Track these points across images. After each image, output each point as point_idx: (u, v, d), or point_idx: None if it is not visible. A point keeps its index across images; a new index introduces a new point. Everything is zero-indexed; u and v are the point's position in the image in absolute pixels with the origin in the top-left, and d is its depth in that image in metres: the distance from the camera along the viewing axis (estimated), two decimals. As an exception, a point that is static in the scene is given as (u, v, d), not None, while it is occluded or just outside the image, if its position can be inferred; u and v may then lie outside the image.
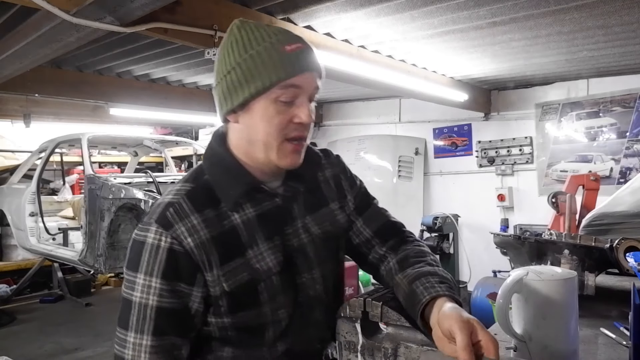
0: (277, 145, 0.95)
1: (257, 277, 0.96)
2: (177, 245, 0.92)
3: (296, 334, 1.01)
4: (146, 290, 0.91)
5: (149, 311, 0.91)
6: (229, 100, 0.95)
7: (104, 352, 4.25)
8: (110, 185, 4.17)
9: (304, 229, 1.05)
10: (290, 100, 0.93)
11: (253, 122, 0.95)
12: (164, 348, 0.92)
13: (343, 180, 1.16)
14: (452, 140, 5.75)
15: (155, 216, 0.95)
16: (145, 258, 0.92)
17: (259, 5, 2.82)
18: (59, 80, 4.40)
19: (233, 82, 0.94)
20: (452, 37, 3.35)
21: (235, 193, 0.97)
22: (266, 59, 0.91)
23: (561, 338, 0.98)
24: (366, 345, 0.87)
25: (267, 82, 0.91)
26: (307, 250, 1.04)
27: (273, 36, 0.93)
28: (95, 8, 2.17)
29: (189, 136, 7.91)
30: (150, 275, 0.91)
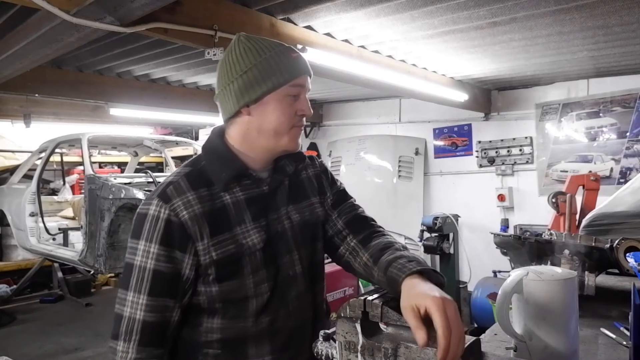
0: (287, 131, 1.15)
1: (242, 250, 1.11)
2: (174, 217, 1.07)
3: (276, 309, 1.15)
4: (145, 255, 1.07)
5: (147, 273, 1.06)
6: (245, 95, 1.12)
7: (104, 352, 4.25)
8: (110, 185, 4.17)
9: (286, 216, 1.20)
10: (296, 94, 1.15)
11: (267, 114, 1.13)
12: (157, 307, 1.06)
13: (324, 179, 1.33)
14: (452, 140, 5.75)
15: (157, 192, 1.11)
16: (147, 227, 1.08)
17: (259, 5, 2.82)
18: (59, 80, 4.40)
19: (250, 80, 1.11)
20: (452, 37, 3.35)
21: (226, 176, 1.13)
22: (279, 62, 1.12)
23: (561, 338, 0.98)
24: (366, 345, 0.87)
25: (282, 80, 1.12)
26: (288, 235, 1.19)
27: (280, 46, 1.15)
28: (95, 8, 2.17)
29: (189, 136, 7.92)
30: (150, 242, 1.07)
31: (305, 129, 7.13)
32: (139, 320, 1.06)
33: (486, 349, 0.87)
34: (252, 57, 1.12)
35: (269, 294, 1.14)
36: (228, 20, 2.73)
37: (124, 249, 4.25)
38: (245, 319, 1.13)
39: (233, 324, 1.13)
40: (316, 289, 1.26)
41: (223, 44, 2.70)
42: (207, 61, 2.77)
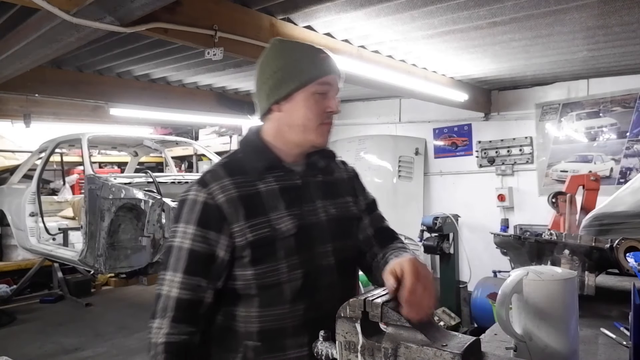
0: (315, 127, 1.21)
1: (276, 234, 1.16)
2: (211, 200, 1.15)
3: (310, 296, 1.19)
4: (183, 236, 1.14)
5: (183, 253, 1.13)
6: (276, 93, 1.21)
7: (104, 352, 4.25)
8: (110, 185, 4.17)
9: (323, 209, 1.26)
10: (324, 92, 1.21)
11: (295, 110, 1.21)
12: (191, 286, 1.12)
13: (356, 184, 1.42)
14: (452, 140, 5.75)
15: (197, 180, 1.20)
16: (185, 211, 1.16)
17: (259, 5, 2.82)
18: (59, 80, 4.40)
19: (280, 79, 1.20)
20: (452, 37, 3.35)
21: (261, 165, 1.22)
22: (307, 61, 1.21)
23: (561, 338, 0.98)
24: (366, 345, 0.87)
25: (309, 77, 1.19)
26: (323, 227, 1.25)
27: (309, 47, 1.26)
28: (95, 8, 2.17)
29: (189, 136, 7.92)
30: (187, 223, 1.15)
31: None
32: (174, 297, 1.11)
33: (486, 349, 0.87)
34: (282, 59, 1.22)
35: (302, 280, 1.18)
36: (228, 20, 2.73)
37: (124, 249, 4.28)
38: (282, 306, 1.17)
39: (270, 312, 1.17)
40: (347, 285, 1.29)
41: (223, 44, 2.70)
42: (207, 61, 2.77)
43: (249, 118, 5.97)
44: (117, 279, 6.90)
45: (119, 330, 4.82)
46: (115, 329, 4.84)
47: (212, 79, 5.03)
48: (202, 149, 6.11)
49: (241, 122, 6.90)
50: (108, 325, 5.01)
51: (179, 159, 8.22)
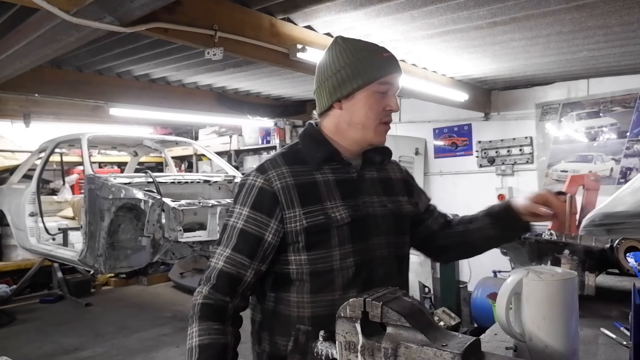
0: (375, 126, 1.25)
1: (331, 222, 1.20)
2: (267, 185, 1.21)
3: (364, 286, 1.19)
4: (237, 216, 1.22)
5: (235, 232, 1.21)
6: (338, 91, 1.24)
7: (104, 352, 4.25)
8: (110, 185, 4.17)
9: (380, 203, 1.31)
10: (385, 92, 1.24)
11: (356, 108, 1.24)
12: (234, 261, 1.20)
13: (412, 184, 1.48)
14: (452, 140, 5.75)
15: (257, 166, 1.27)
16: (243, 193, 1.24)
17: (259, 5, 2.82)
18: (59, 80, 4.39)
19: (343, 77, 1.23)
20: (452, 37, 3.35)
21: (321, 155, 1.26)
22: (370, 61, 1.23)
23: (561, 338, 0.98)
24: (366, 345, 0.87)
25: (372, 77, 1.22)
26: (379, 220, 1.29)
27: (372, 46, 1.27)
28: (95, 8, 2.16)
29: (189, 136, 7.92)
30: (243, 205, 1.22)
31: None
32: (218, 268, 1.20)
33: (486, 349, 0.87)
34: (345, 57, 1.24)
35: (354, 269, 1.22)
36: (228, 20, 2.73)
37: (124, 249, 4.28)
38: (333, 293, 1.21)
39: (322, 298, 1.21)
40: (404, 280, 1.36)
41: (223, 44, 2.70)
42: (207, 61, 2.77)
43: (249, 118, 5.98)
44: (117, 279, 6.90)
45: (119, 330, 4.82)
46: (115, 329, 4.84)
47: (212, 79, 5.03)
48: (202, 149, 6.12)
49: (241, 122, 6.91)
50: (108, 325, 5.01)
51: (179, 159, 8.23)
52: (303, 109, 6.39)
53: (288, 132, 7.15)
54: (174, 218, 3.74)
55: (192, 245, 3.99)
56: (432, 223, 1.47)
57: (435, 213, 1.50)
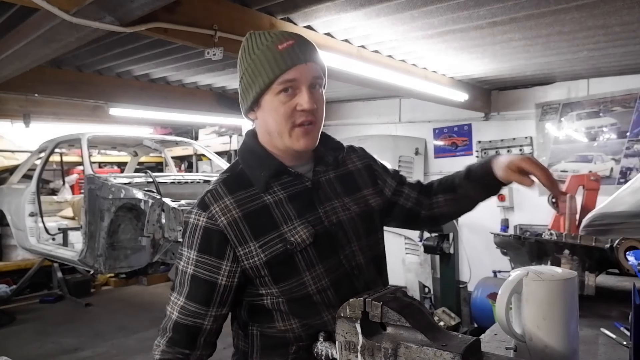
0: (288, 131, 1.09)
1: (292, 247, 1.09)
2: (212, 224, 1.08)
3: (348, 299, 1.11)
4: (186, 261, 1.11)
5: (186, 277, 1.10)
6: (244, 101, 1.14)
7: (103, 352, 4.25)
8: (110, 185, 4.17)
9: (344, 207, 1.18)
10: (288, 91, 1.07)
11: (266, 116, 1.11)
12: (189, 311, 1.10)
13: (376, 169, 1.34)
14: (452, 140, 5.75)
15: (197, 201, 1.13)
16: (187, 234, 1.11)
17: (259, 5, 2.82)
18: (59, 80, 4.40)
19: (245, 85, 1.12)
20: (452, 37, 3.35)
21: (265, 175, 1.12)
22: (264, 60, 1.07)
23: (561, 338, 0.98)
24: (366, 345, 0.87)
25: (267, 79, 1.07)
26: (346, 227, 1.17)
27: (269, 39, 1.09)
28: (95, 8, 2.17)
29: (189, 136, 7.92)
30: (190, 248, 1.10)
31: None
32: (173, 320, 1.11)
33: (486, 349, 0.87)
34: (245, 61, 1.11)
35: (333, 289, 1.12)
36: (228, 20, 2.73)
37: (123, 249, 4.28)
38: (320, 315, 1.12)
39: (310, 321, 1.13)
40: (384, 280, 1.27)
41: (223, 44, 2.70)
42: (207, 61, 2.77)
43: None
44: (116, 279, 6.90)
45: (118, 330, 4.82)
46: (115, 329, 4.84)
47: (212, 79, 5.03)
48: (202, 149, 6.12)
49: (241, 122, 6.90)
50: (108, 325, 5.01)
51: (179, 159, 8.22)
52: (303, 109, 6.39)
53: (288, 132, 7.14)
54: (174, 218, 3.74)
55: (192, 245, 3.98)
56: (404, 202, 1.34)
57: (405, 189, 1.35)
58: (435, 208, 1.35)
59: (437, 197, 1.35)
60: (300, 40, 1.10)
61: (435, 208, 1.35)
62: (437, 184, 1.38)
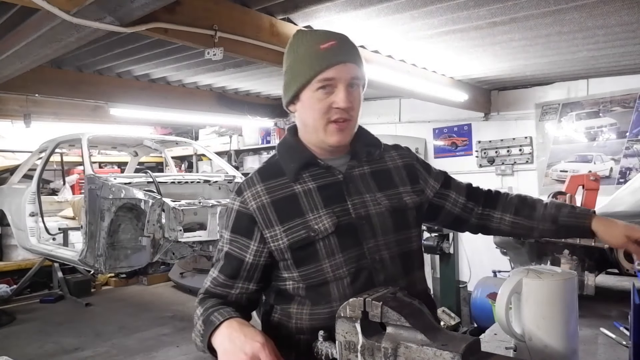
0: (323, 126, 1.16)
1: (314, 234, 1.15)
2: (244, 208, 1.20)
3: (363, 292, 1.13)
4: (223, 240, 1.24)
5: (222, 254, 1.23)
6: (286, 95, 1.21)
7: (104, 352, 4.25)
8: (110, 185, 4.17)
9: (374, 202, 1.22)
10: (326, 88, 1.14)
11: (304, 110, 1.19)
12: (218, 282, 1.22)
13: (418, 168, 1.36)
14: (452, 140, 5.75)
15: (236, 189, 1.26)
16: (226, 217, 1.26)
17: (259, 5, 2.82)
18: (59, 80, 4.40)
19: (287, 80, 1.19)
20: (452, 37, 3.35)
21: (295, 166, 1.20)
22: (306, 58, 1.15)
23: (561, 338, 0.98)
24: (366, 345, 0.87)
25: (307, 76, 1.14)
26: (374, 220, 1.20)
27: (313, 39, 1.17)
28: (95, 8, 2.17)
29: (189, 136, 7.92)
30: (226, 229, 1.24)
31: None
32: (205, 287, 1.24)
33: (486, 349, 0.87)
34: (288, 57, 1.20)
35: (350, 279, 1.17)
36: (228, 20, 2.73)
37: (124, 249, 4.28)
38: (331, 304, 1.16)
39: (321, 310, 1.17)
40: (413, 278, 1.26)
41: (223, 44, 2.70)
42: (207, 61, 2.77)
43: (249, 118, 5.98)
44: (117, 279, 6.90)
45: (119, 330, 4.82)
46: (115, 329, 4.84)
47: (212, 79, 5.03)
48: (202, 149, 6.11)
49: (241, 122, 6.91)
50: (108, 325, 5.01)
51: (179, 159, 8.22)
52: (303, 109, 6.39)
53: (288, 132, 7.14)
54: (174, 218, 3.74)
55: (192, 245, 3.99)
56: (452, 207, 1.36)
57: (452, 194, 1.36)
58: (493, 222, 1.37)
59: (504, 215, 1.37)
60: (342, 41, 1.17)
61: (493, 222, 1.37)
62: (509, 202, 1.39)
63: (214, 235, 3.98)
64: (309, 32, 1.20)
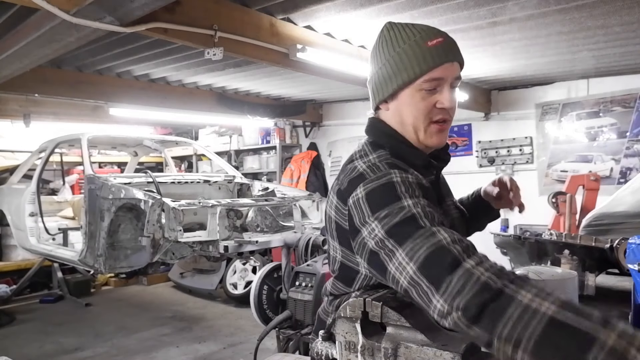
0: (424, 127, 1.10)
1: None
2: (420, 180, 1.04)
3: None
4: (408, 206, 0.99)
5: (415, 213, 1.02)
6: (381, 91, 1.12)
7: (103, 352, 4.25)
8: (110, 185, 4.16)
9: (454, 206, 1.23)
10: (432, 88, 1.07)
11: (402, 108, 1.10)
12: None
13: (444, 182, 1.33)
14: (452, 140, 5.74)
15: (387, 165, 1.04)
16: (396, 190, 1.01)
17: (258, 5, 2.82)
18: (59, 80, 4.40)
19: (384, 75, 1.10)
20: (452, 36, 3.34)
21: (420, 163, 1.11)
22: (411, 54, 1.06)
23: (561, 338, 0.97)
24: (366, 345, 0.87)
25: (412, 74, 1.06)
26: (458, 223, 1.21)
27: (417, 34, 1.08)
28: (95, 8, 2.17)
29: (189, 136, 7.92)
30: (406, 198, 1.01)
31: (305, 129, 7.13)
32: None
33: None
34: (387, 52, 1.10)
35: None
36: (228, 20, 2.73)
37: (124, 249, 4.27)
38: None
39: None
40: None
41: (223, 44, 2.70)
42: (207, 61, 2.77)
43: (249, 118, 5.97)
44: (117, 279, 6.90)
45: (119, 330, 4.82)
46: (115, 329, 4.84)
47: (212, 79, 5.03)
48: (202, 149, 6.11)
49: (241, 122, 6.91)
50: (108, 325, 5.00)
51: (179, 159, 8.22)
52: (303, 109, 6.40)
53: (288, 132, 7.15)
54: (174, 218, 3.74)
55: (192, 245, 3.98)
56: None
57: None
58: None
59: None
60: (448, 39, 1.10)
61: None
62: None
63: (214, 235, 3.98)
64: (408, 26, 1.10)
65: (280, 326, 2.75)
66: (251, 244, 3.99)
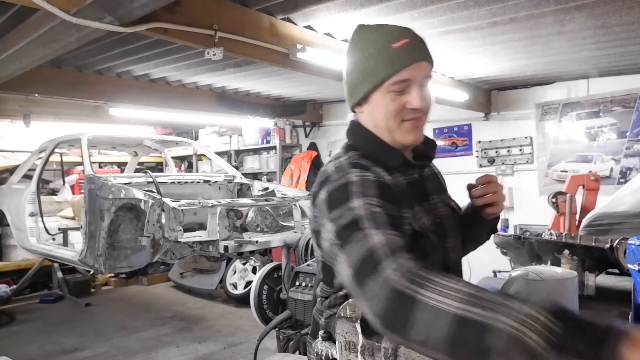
0: (397, 126, 1.10)
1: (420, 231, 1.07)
2: (381, 179, 1.06)
3: None
4: (362, 206, 1.01)
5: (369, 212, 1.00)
6: (353, 95, 1.14)
7: (104, 352, 4.25)
8: (110, 185, 4.16)
9: (441, 203, 1.20)
10: (401, 90, 1.08)
11: (374, 110, 1.12)
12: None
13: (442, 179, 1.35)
14: (452, 140, 5.75)
15: (349, 164, 1.07)
16: (355, 189, 1.02)
17: (258, 5, 2.82)
18: (59, 80, 4.39)
19: (355, 80, 1.12)
20: (452, 37, 3.35)
21: (395, 163, 1.12)
22: (378, 58, 1.07)
23: (561, 338, 0.97)
24: (366, 345, 0.87)
25: (380, 78, 1.07)
26: (451, 220, 1.19)
27: (384, 36, 1.09)
28: (95, 8, 2.17)
29: (189, 136, 7.92)
30: (364, 197, 1.02)
31: (305, 129, 7.13)
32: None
33: (486, 349, 0.87)
34: (355, 56, 1.12)
35: None
36: (228, 20, 2.73)
37: (124, 249, 4.28)
38: None
39: None
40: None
41: (223, 44, 2.70)
42: (207, 61, 2.77)
43: (249, 118, 5.97)
44: (117, 279, 6.90)
45: (118, 330, 4.82)
46: (115, 329, 4.84)
47: (212, 79, 5.03)
48: (202, 149, 6.11)
49: (241, 122, 6.91)
50: (108, 325, 5.00)
51: (179, 159, 8.22)
52: (303, 108, 6.40)
53: (288, 132, 7.15)
54: (174, 218, 3.74)
55: (192, 245, 3.98)
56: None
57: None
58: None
59: None
60: (414, 38, 1.10)
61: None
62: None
63: (213, 235, 3.98)
64: (375, 28, 1.11)
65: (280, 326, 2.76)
66: (251, 244, 3.99)
